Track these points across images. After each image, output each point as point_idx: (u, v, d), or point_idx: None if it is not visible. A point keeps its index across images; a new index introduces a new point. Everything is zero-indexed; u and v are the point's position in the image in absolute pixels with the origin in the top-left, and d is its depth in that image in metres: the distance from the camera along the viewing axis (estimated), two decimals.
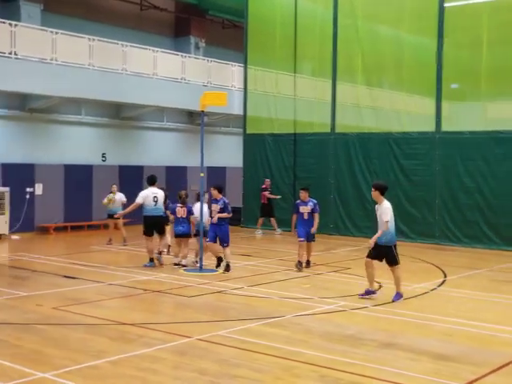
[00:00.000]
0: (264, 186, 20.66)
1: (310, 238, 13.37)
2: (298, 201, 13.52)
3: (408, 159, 18.82)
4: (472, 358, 7.55)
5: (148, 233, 13.57)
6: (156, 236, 13.82)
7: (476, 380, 6.80)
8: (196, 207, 13.42)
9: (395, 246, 10.57)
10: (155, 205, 13.41)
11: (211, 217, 12.87)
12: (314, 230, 13.30)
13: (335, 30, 20.17)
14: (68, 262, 14.02)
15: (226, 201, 12.88)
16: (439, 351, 7.79)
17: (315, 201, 13.45)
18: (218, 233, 12.83)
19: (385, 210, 10.32)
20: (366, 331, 8.67)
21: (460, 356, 7.62)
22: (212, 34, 27.68)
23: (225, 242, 12.86)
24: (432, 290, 11.75)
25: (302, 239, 13.10)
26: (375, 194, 10.54)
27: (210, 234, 12.86)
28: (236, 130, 25.52)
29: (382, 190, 10.56)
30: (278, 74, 22.10)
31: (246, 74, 22.58)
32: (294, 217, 13.70)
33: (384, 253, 10.50)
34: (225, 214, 12.78)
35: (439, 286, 12.15)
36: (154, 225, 13.53)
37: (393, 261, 10.54)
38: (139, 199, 13.50)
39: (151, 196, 13.44)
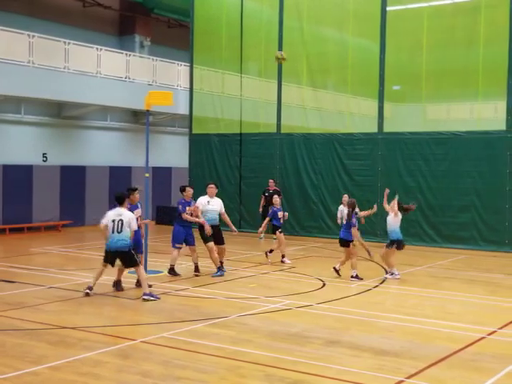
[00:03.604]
0: (267, 188, 19.03)
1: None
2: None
3: (351, 159, 19.13)
4: (413, 353, 7.70)
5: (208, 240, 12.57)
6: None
7: (416, 374, 6.95)
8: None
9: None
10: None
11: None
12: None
13: (280, 32, 20.30)
14: (6, 266, 13.59)
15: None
16: (381, 347, 7.92)
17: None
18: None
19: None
20: (310, 329, 8.74)
21: (401, 351, 7.77)
22: (157, 33, 27.43)
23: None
24: (374, 287, 11.94)
25: None
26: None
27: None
28: (182, 129, 25.35)
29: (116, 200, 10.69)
30: (224, 74, 22.09)
31: (191, 73, 22.46)
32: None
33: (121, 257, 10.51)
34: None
35: (381, 283, 12.36)
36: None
37: (133, 263, 10.56)
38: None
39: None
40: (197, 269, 12.80)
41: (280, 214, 14.66)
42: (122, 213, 10.53)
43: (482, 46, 17.31)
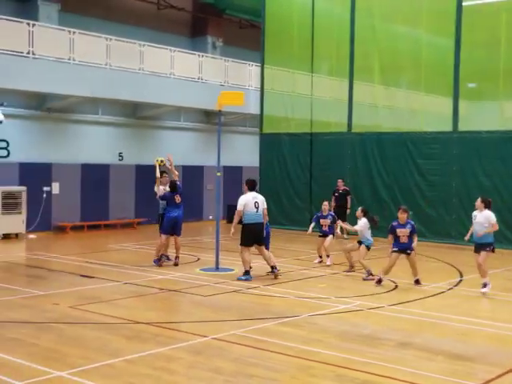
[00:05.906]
0: (336, 188, 19.24)
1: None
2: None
3: (425, 159, 18.72)
4: (488, 358, 7.50)
5: (247, 243, 12.29)
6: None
7: (492, 380, 6.76)
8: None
9: None
10: (256, 211, 12.23)
11: None
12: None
13: (352, 30, 20.12)
14: (84, 261, 14.12)
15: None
16: (455, 351, 7.75)
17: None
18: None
19: None
20: (382, 331, 8.65)
21: (476, 356, 7.58)
22: (229, 34, 27.70)
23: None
24: (449, 289, 11.68)
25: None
26: None
27: None
28: (252, 129, 25.51)
29: None
30: (294, 73, 22.10)
31: (262, 73, 22.57)
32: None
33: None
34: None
35: (456, 285, 12.07)
36: (253, 233, 12.27)
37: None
38: (239, 206, 12.18)
39: (252, 201, 12.26)
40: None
41: (321, 221, 14.35)
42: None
43: None
